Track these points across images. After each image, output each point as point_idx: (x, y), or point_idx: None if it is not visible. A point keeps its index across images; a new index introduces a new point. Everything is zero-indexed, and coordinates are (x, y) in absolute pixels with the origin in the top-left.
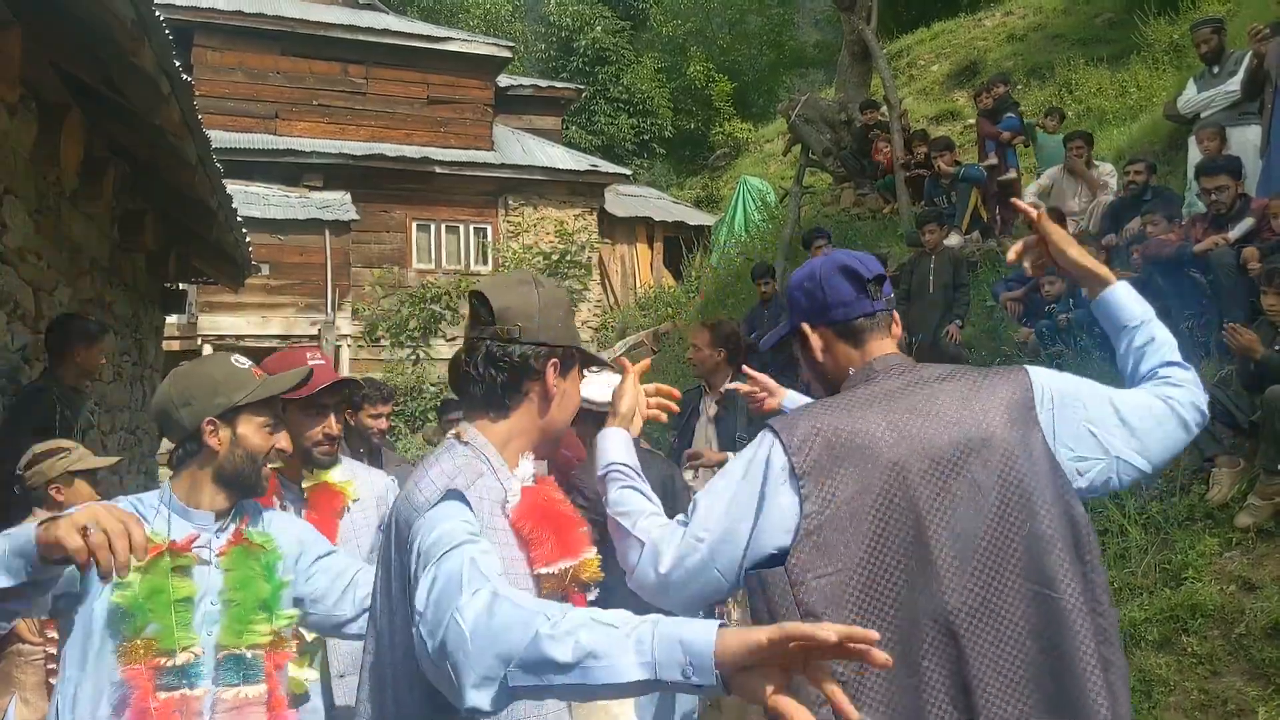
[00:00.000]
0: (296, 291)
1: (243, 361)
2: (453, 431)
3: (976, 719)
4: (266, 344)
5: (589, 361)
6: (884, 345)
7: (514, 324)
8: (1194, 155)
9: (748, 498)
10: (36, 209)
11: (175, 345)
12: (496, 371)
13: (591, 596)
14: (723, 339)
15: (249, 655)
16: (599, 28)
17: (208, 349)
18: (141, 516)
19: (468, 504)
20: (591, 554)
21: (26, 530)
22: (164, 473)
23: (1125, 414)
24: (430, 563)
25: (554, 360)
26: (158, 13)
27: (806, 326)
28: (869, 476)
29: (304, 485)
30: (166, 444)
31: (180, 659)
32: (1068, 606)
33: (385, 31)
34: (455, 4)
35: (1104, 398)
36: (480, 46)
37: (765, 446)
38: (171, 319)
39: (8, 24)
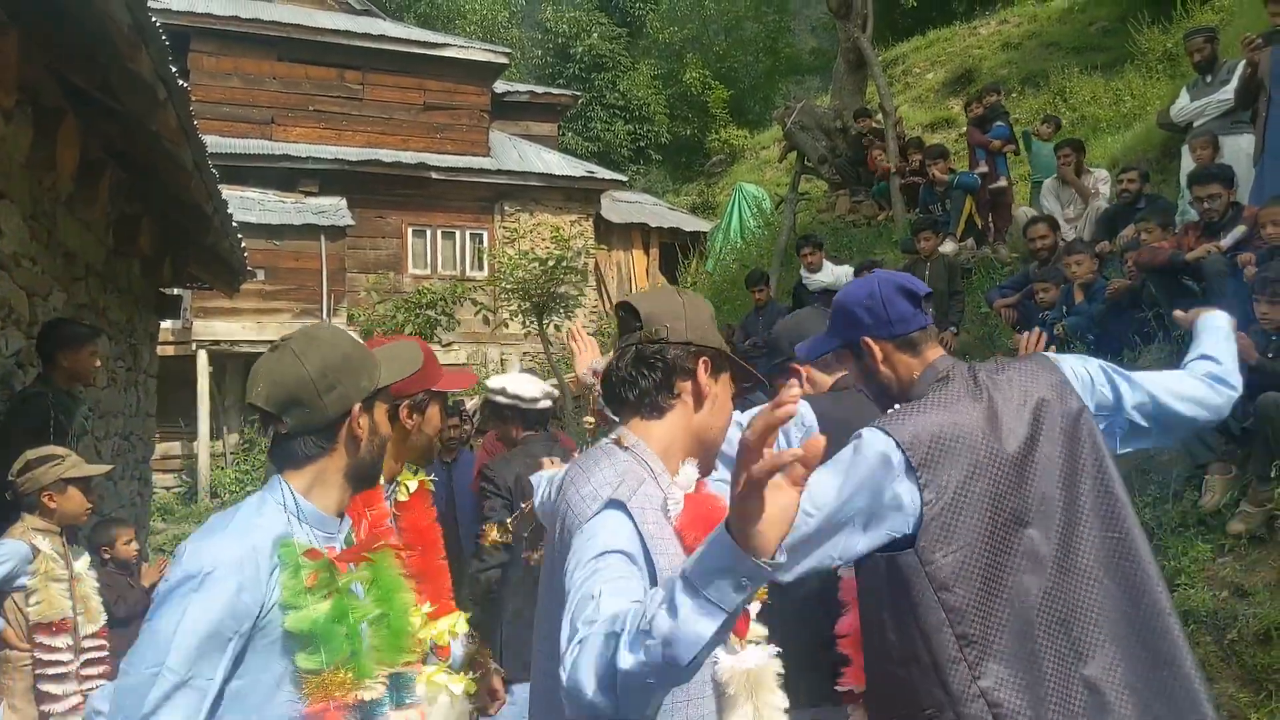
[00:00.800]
0: (292, 297)
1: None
2: (612, 436)
3: (1078, 648)
4: (261, 349)
5: (740, 371)
6: (936, 351)
7: (661, 325)
8: (1187, 163)
9: (860, 487)
10: (31, 214)
11: (170, 350)
12: (648, 371)
13: (755, 609)
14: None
15: (406, 673)
16: (595, 34)
17: (202, 355)
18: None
19: (629, 514)
20: None
21: None
22: (158, 479)
23: (1139, 377)
24: (572, 589)
25: (704, 359)
26: (155, 19)
27: (869, 340)
28: (974, 463)
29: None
30: (162, 449)
31: (377, 691)
32: (1138, 547)
33: (382, 37)
34: (452, 10)
35: (1110, 367)
36: (477, 53)
37: (878, 444)
38: (166, 324)
39: (5, 28)
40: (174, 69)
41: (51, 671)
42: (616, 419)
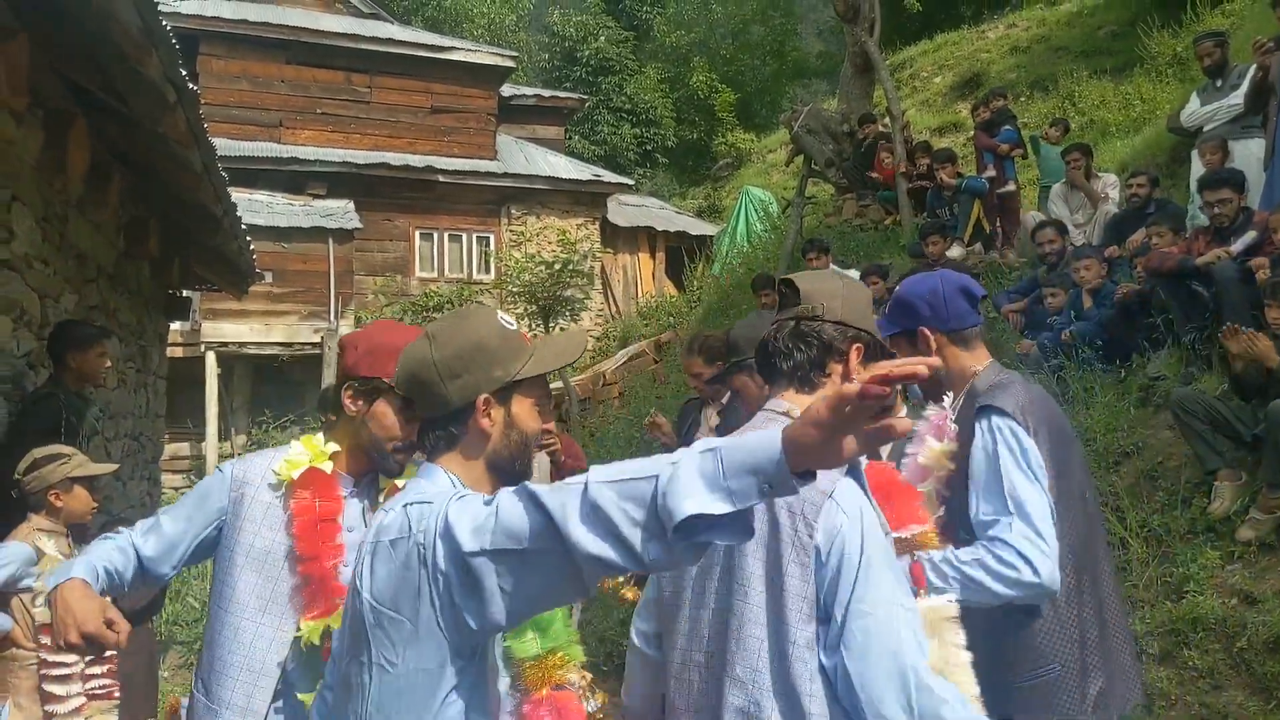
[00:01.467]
0: (300, 299)
1: (510, 321)
2: (769, 405)
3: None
4: (269, 350)
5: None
6: (983, 348)
7: (819, 303)
8: (1196, 168)
9: (1034, 475)
10: (43, 216)
11: (179, 352)
12: (805, 347)
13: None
14: (714, 356)
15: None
16: (602, 38)
17: (211, 356)
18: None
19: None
20: (929, 526)
21: None
22: (166, 480)
23: None
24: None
25: (859, 345)
26: (164, 22)
27: (926, 330)
28: (1071, 447)
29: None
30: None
31: (578, 674)
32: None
33: (389, 41)
34: (459, 14)
35: None
36: (484, 56)
37: (1014, 430)
38: (175, 325)
39: (14, 32)
40: (183, 72)
41: (55, 672)
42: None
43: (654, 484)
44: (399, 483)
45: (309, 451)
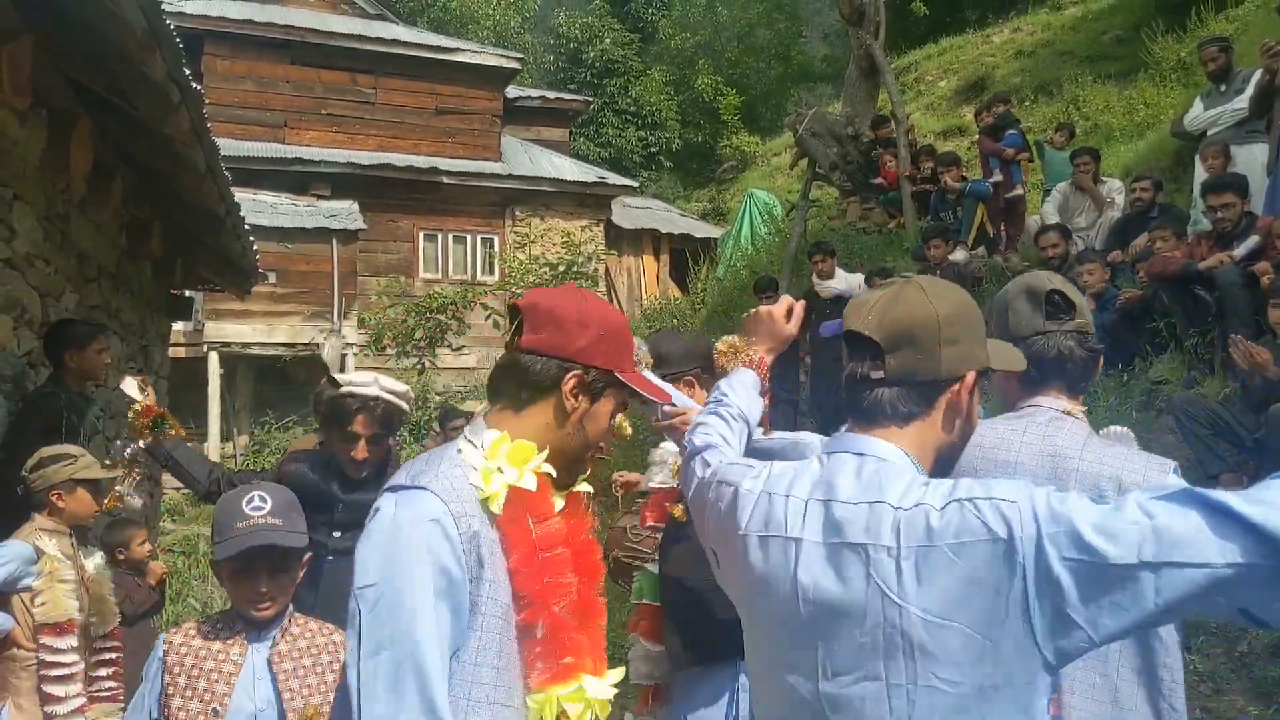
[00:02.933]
0: (303, 300)
1: None
2: (1059, 407)
3: None
4: (272, 351)
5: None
6: None
7: (1086, 319)
8: (1199, 173)
9: None
10: (45, 215)
11: (181, 352)
12: (1081, 355)
13: None
14: (702, 359)
15: None
16: (608, 40)
17: (214, 356)
18: None
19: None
20: None
21: None
22: (167, 480)
23: None
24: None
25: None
26: (169, 22)
27: None
28: None
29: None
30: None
31: None
32: None
33: (395, 42)
34: (465, 15)
35: None
36: (489, 57)
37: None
38: (178, 326)
39: (18, 33)
40: (187, 72)
41: (55, 673)
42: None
43: None
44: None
45: (507, 460)
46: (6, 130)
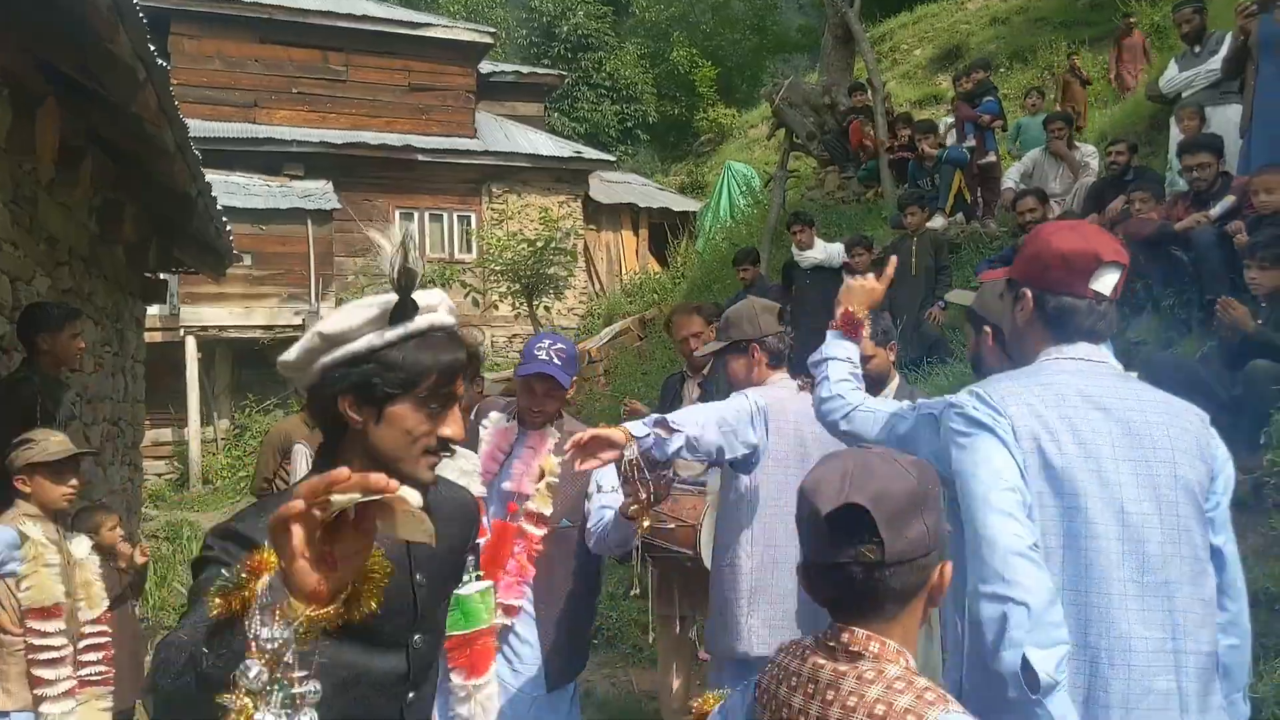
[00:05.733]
0: (280, 282)
1: None
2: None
3: None
4: (250, 334)
5: None
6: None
7: None
8: (1175, 135)
9: None
10: (12, 199)
11: (157, 337)
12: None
13: None
14: (712, 315)
15: None
16: (581, 13)
17: (191, 341)
18: None
19: None
20: None
21: None
22: (149, 466)
23: None
24: None
25: None
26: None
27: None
28: None
29: None
30: (152, 436)
31: None
32: None
33: (365, 18)
34: None
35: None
36: (461, 32)
37: None
38: (153, 310)
39: None
40: (153, 49)
41: (43, 656)
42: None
43: None
44: None
45: None
46: None
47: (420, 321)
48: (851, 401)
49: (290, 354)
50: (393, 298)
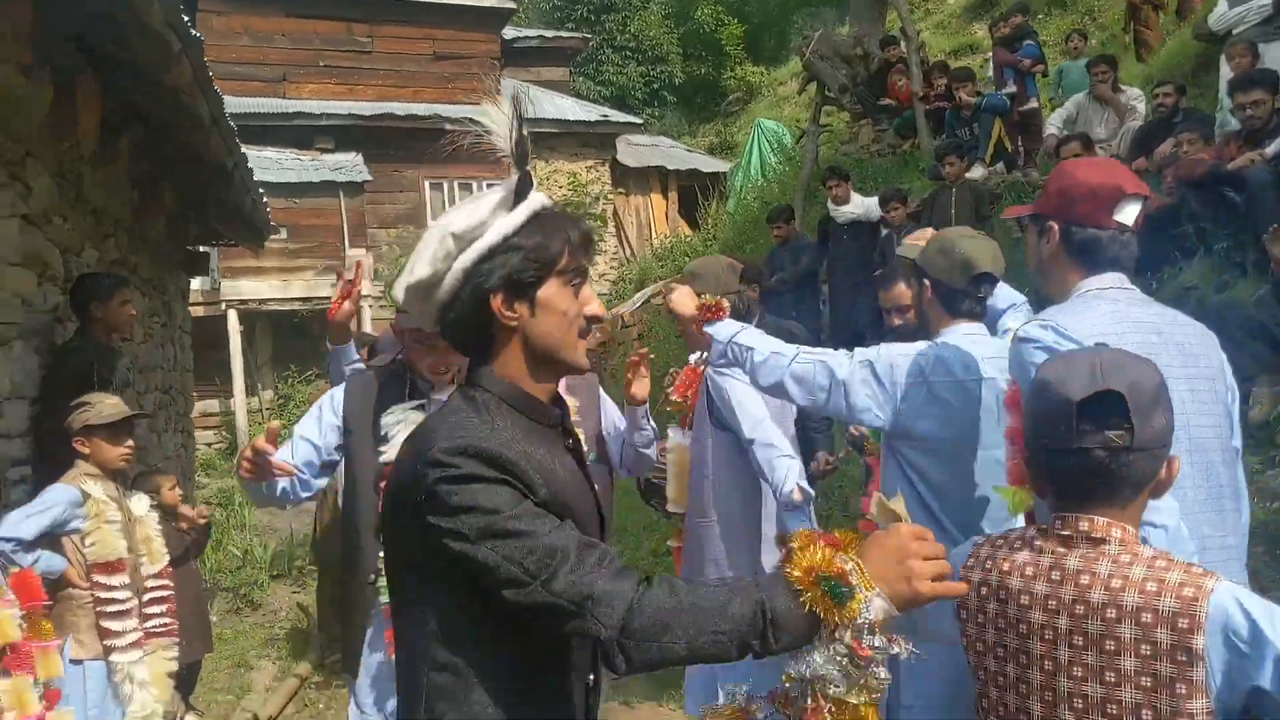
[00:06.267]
0: (315, 254)
1: None
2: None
3: None
4: (289, 306)
5: None
6: None
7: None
8: (1226, 73)
9: None
10: (56, 172)
11: (200, 311)
12: None
13: None
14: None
15: None
16: None
17: (232, 314)
18: None
19: None
20: None
21: None
22: (199, 436)
23: None
24: None
25: None
26: None
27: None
28: None
29: None
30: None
31: None
32: None
33: None
34: None
35: None
36: None
37: None
38: (195, 285)
39: None
40: (186, 19)
41: (110, 609)
42: None
43: None
44: None
45: None
46: (12, 87)
47: (537, 198)
48: (787, 353)
49: (419, 271)
50: (500, 188)
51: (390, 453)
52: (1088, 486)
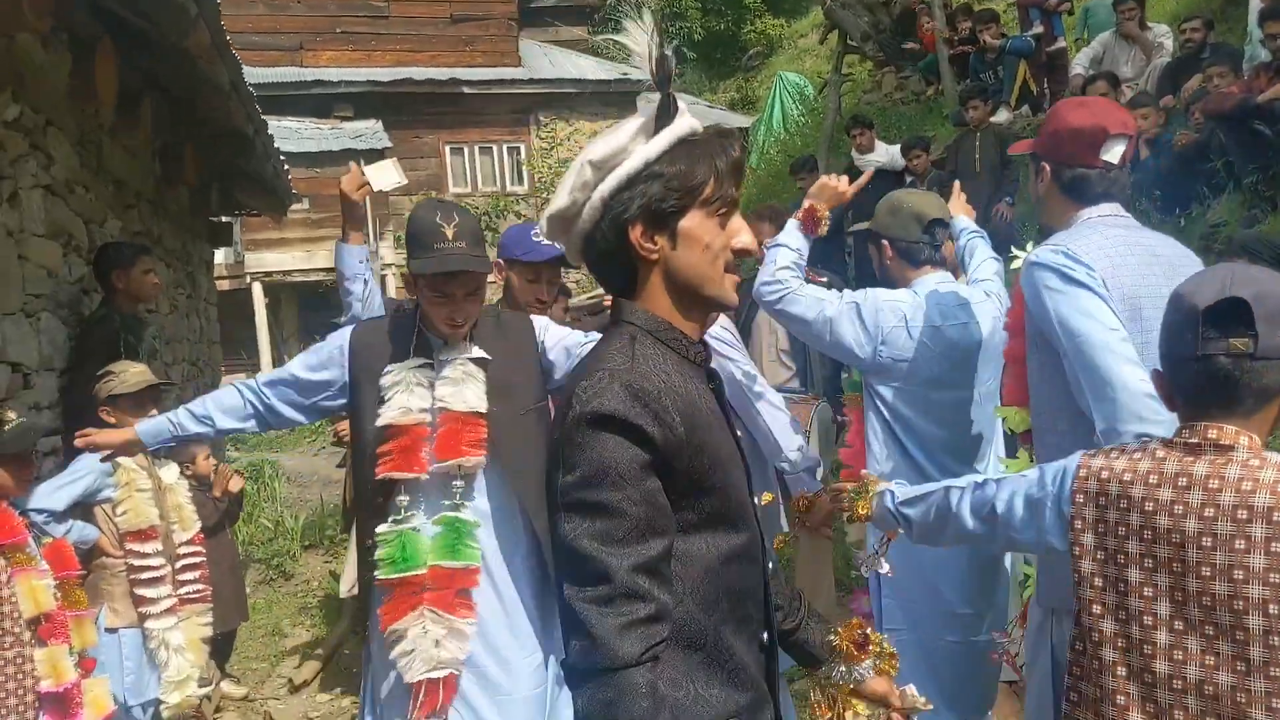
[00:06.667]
0: (337, 224)
1: None
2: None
3: None
4: (313, 277)
5: None
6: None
7: None
8: (1255, 5)
9: None
10: (77, 142)
11: (225, 284)
12: None
13: None
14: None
15: None
16: None
17: (257, 287)
18: None
19: None
20: None
21: None
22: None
23: None
24: None
25: None
26: None
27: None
28: None
29: None
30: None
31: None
32: None
33: None
34: None
35: None
36: None
37: None
38: (219, 258)
39: None
40: None
41: (144, 576)
42: None
43: None
44: None
45: None
46: (31, 55)
47: (682, 124)
48: (789, 286)
49: (558, 200)
50: (642, 114)
51: (387, 415)
52: (1212, 394)
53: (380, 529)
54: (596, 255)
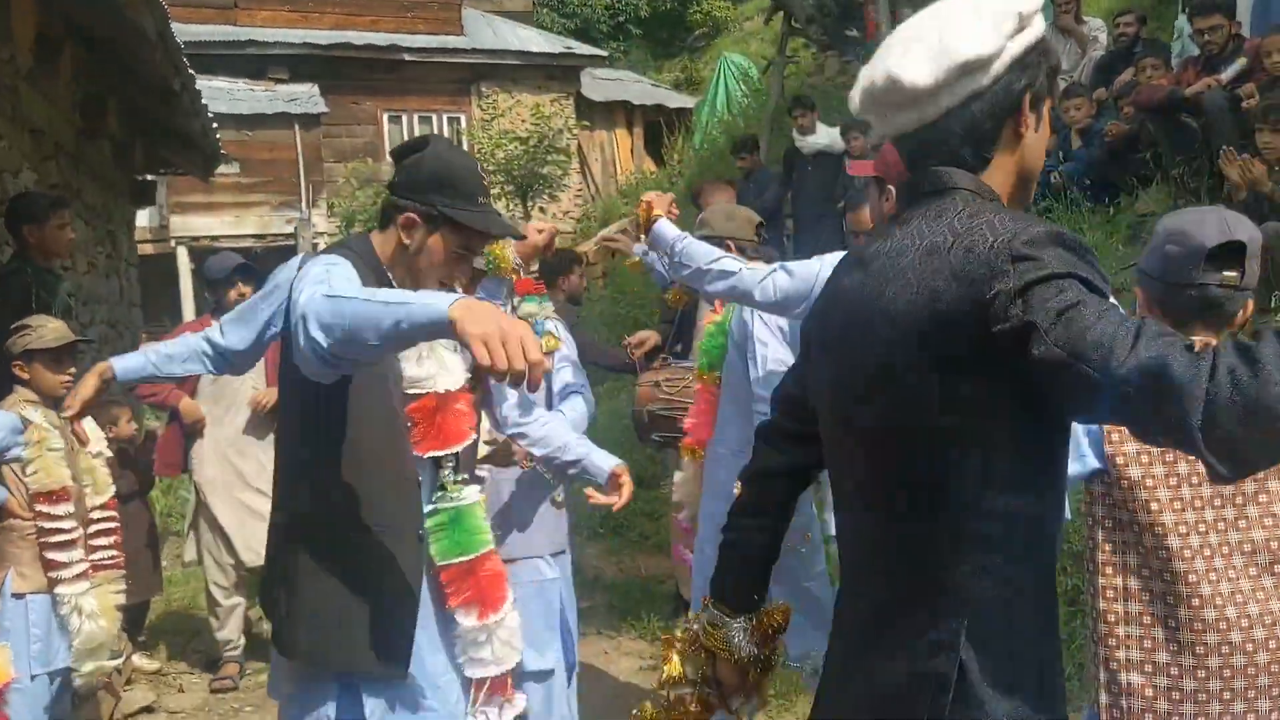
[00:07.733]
0: (269, 189)
1: None
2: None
3: None
4: (243, 244)
5: None
6: None
7: None
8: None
9: None
10: None
11: (149, 249)
12: None
13: None
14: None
15: None
16: None
17: (182, 252)
18: None
19: None
20: None
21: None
22: None
23: None
24: None
25: None
26: None
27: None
28: None
29: None
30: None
31: None
32: None
33: None
34: None
35: None
36: None
37: None
38: (142, 222)
39: None
40: None
41: (55, 539)
42: None
43: None
44: None
45: None
46: None
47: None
48: (757, 269)
49: (974, 45)
50: None
51: (414, 369)
52: (1198, 315)
53: (432, 508)
54: (968, 119)
